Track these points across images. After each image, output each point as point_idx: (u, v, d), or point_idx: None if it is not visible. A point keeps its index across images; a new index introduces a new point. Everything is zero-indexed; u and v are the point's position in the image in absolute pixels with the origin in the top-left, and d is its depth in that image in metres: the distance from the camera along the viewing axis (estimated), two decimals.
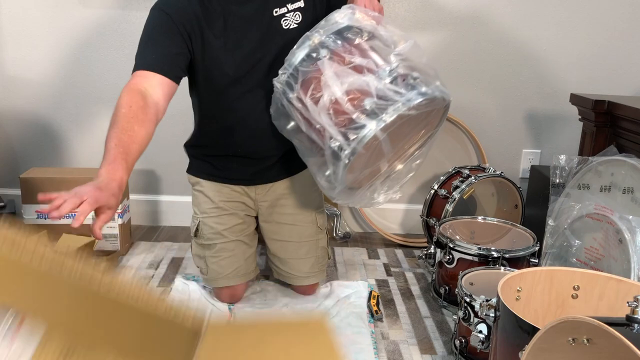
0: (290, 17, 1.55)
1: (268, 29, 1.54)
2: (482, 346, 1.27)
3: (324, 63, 1.37)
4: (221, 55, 1.54)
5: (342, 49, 1.39)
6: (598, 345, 0.76)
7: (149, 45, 1.47)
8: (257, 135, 1.64)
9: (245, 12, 1.52)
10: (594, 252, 1.61)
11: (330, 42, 1.39)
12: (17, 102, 2.37)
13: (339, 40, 1.40)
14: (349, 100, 1.34)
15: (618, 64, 2.38)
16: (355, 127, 1.32)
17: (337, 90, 1.34)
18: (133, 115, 1.31)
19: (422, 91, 1.35)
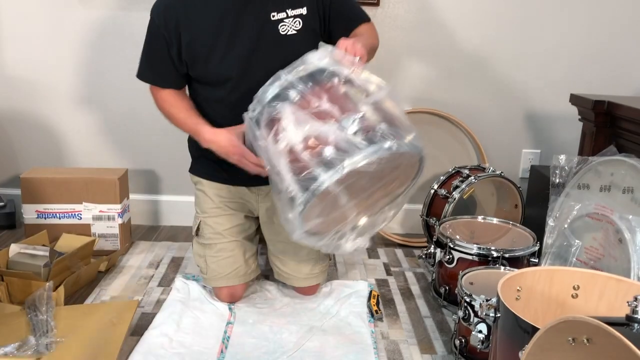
0: (289, 22, 1.53)
1: (263, 33, 1.52)
2: (482, 346, 1.27)
3: (285, 106, 1.30)
4: (213, 56, 1.54)
5: (311, 92, 1.31)
6: (598, 345, 0.76)
7: (151, 58, 1.64)
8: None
9: (241, 13, 1.51)
10: (594, 252, 1.61)
11: (301, 83, 1.32)
12: (17, 102, 2.37)
13: (310, 83, 1.32)
14: (306, 148, 1.25)
15: (618, 64, 2.38)
16: (309, 177, 1.24)
17: (295, 137, 1.26)
18: (172, 103, 1.63)
19: (385, 146, 1.23)
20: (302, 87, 1.32)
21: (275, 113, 1.33)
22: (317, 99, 1.30)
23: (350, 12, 1.66)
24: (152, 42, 1.60)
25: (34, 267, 1.73)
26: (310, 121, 1.28)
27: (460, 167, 2.22)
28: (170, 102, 1.63)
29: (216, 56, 1.55)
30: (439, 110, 2.40)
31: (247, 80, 1.55)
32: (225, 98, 1.60)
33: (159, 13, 1.54)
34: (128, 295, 1.84)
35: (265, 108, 1.35)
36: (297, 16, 1.53)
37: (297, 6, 1.53)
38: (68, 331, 1.51)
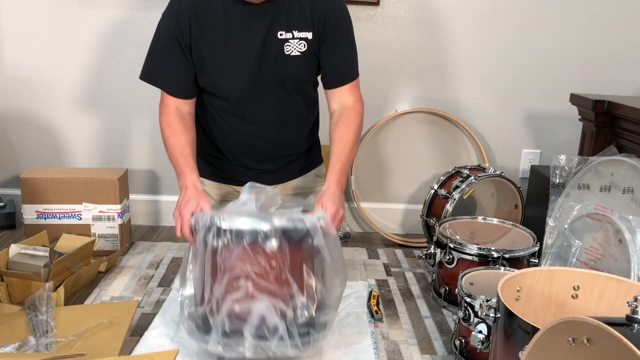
0: (294, 44, 1.54)
1: (269, 50, 1.54)
2: (482, 346, 1.27)
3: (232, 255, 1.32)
4: (219, 69, 1.56)
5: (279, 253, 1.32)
6: (598, 345, 0.76)
7: (161, 61, 1.59)
8: (255, 147, 1.69)
9: (249, 28, 1.51)
10: (594, 252, 1.61)
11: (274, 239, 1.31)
12: (17, 102, 2.37)
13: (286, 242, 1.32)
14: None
15: (618, 64, 2.38)
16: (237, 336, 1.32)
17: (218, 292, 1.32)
18: (175, 130, 1.57)
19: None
20: (269, 245, 1.31)
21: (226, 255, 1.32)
22: (272, 264, 1.32)
23: (344, 64, 1.63)
24: (164, 44, 1.56)
25: (34, 268, 1.73)
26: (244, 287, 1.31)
27: (460, 167, 2.22)
28: (174, 129, 1.58)
29: (220, 67, 1.56)
30: (439, 110, 2.40)
31: (250, 95, 1.59)
32: (231, 109, 1.63)
33: (172, 15, 1.52)
34: (128, 296, 1.84)
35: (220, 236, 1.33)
36: (303, 39, 1.54)
37: (304, 29, 1.54)
38: (68, 331, 1.51)
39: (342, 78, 1.60)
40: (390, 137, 2.45)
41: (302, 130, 1.74)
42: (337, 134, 1.57)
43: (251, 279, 1.32)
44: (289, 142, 1.73)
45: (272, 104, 1.63)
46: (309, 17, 1.53)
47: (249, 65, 1.55)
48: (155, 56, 1.60)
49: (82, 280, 1.86)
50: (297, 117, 1.70)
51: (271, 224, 1.31)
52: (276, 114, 1.65)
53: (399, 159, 2.48)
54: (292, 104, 1.66)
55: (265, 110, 1.63)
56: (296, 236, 1.34)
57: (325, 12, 1.53)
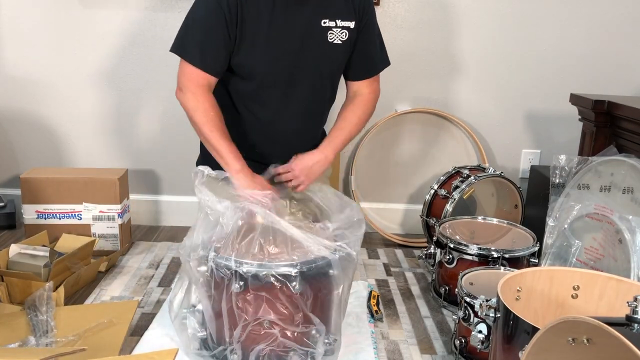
0: (337, 32, 1.56)
1: (312, 36, 1.54)
2: (482, 346, 1.27)
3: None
4: (259, 50, 1.54)
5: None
6: (598, 345, 0.76)
7: (203, 36, 1.52)
8: (275, 139, 1.68)
9: (294, 12, 1.51)
10: (594, 252, 1.61)
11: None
12: (17, 102, 2.37)
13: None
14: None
15: (618, 64, 2.38)
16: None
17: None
18: (215, 120, 1.53)
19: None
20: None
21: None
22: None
23: (373, 54, 1.68)
24: (209, 19, 1.49)
25: (34, 268, 1.73)
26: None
27: (460, 167, 2.22)
28: (204, 105, 1.52)
29: (261, 48, 1.54)
30: (439, 110, 2.40)
31: (283, 80, 1.58)
32: (256, 96, 1.61)
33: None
34: (128, 296, 1.84)
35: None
36: (345, 28, 1.56)
37: (347, 19, 1.56)
38: (68, 331, 1.51)
39: (370, 70, 1.66)
40: (390, 137, 2.45)
41: (321, 121, 1.76)
42: (343, 113, 1.68)
43: (274, 322, 1.33)
44: (308, 135, 1.73)
45: (302, 90, 1.62)
46: (351, 6, 1.55)
47: (289, 50, 1.55)
48: (200, 33, 1.52)
49: (82, 280, 1.86)
50: (321, 107, 1.72)
51: (295, 268, 1.31)
52: (304, 102, 1.65)
53: (399, 159, 2.48)
54: (321, 93, 1.67)
55: (294, 97, 1.62)
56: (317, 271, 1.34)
57: (365, 3, 1.57)
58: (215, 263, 1.35)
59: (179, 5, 2.28)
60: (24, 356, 1.25)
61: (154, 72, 2.35)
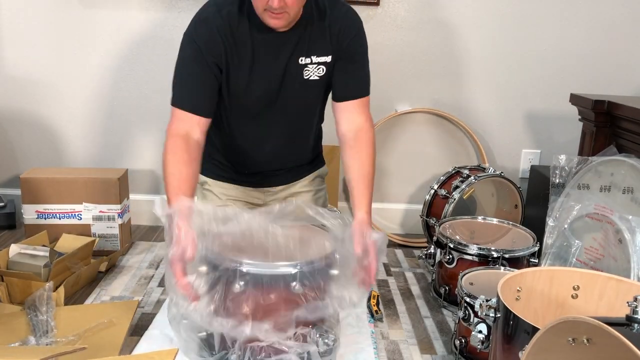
0: (313, 68, 1.55)
1: (290, 75, 1.55)
2: (482, 346, 1.27)
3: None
4: (242, 87, 1.56)
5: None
6: (598, 345, 0.76)
7: (185, 80, 1.52)
8: (262, 161, 1.71)
9: (274, 54, 1.52)
10: (594, 252, 1.61)
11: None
12: (17, 102, 2.37)
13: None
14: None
15: (618, 64, 2.39)
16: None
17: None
18: (179, 160, 1.46)
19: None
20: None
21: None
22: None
23: (357, 79, 1.62)
24: (192, 66, 1.51)
25: (34, 268, 1.73)
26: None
27: (460, 167, 2.22)
28: (178, 157, 1.46)
29: (244, 87, 1.56)
30: (439, 110, 2.40)
31: (267, 114, 1.60)
32: (245, 120, 1.64)
33: (202, 34, 1.48)
34: (128, 296, 1.84)
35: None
36: (322, 64, 1.55)
37: (322, 54, 1.54)
38: (68, 331, 1.51)
39: (353, 93, 1.59)
40: (390, 137, 2.45)
41: (309, 143, 1.77)
42: (356, 163, 1.54)
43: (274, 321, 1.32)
44: (296, 155, 1.76)
45: (283, 123, 1.65)
46: (328, 40, 1.53)
47: (269, 90, 1.56)
48: (185, 79, 1.53)
49: (82, 280, 1.86)
50: (305, 132, 1.73)
51: (295, 267, 1.31)
52: (285, 131, 1.67)
53: (399, 159, 2.48)
54: (304, 123, 1.69)
55: (274, 128, 1.65)
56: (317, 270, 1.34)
57: (342, 31, 1.53)
58: (215, 263, 1.35)
59: (179, 5, 2.28)
60: (24, 355, 1.25)
61: (154, 72, 2.35)
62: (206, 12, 1.49)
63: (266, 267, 1.32)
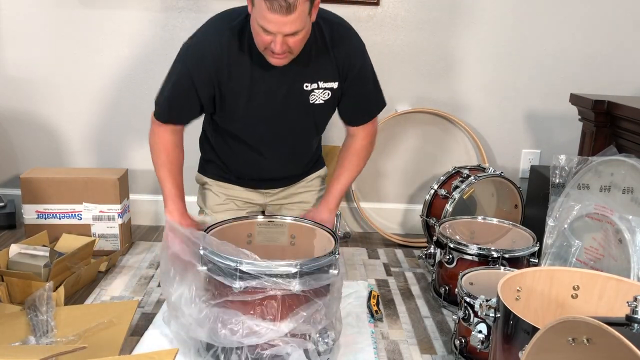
0: (319, 93, 1.55)
1: (293, 99, 1.55)
2: (482, 346, 1.27)
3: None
4: (240, 114, 1.57)
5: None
6: (598, 345, 0.76)
7: (171, 100, 1.56)
8: (263, 170, 1.74)
9: (275, 81, 1.51)
10: (593, 252, 1.61)
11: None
12: (17, 102, 2.37)
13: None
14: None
15: (618, 64, 2.39)
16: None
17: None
18: (170, 151, 1.59)
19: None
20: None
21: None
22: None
23: (367, 103, 1.68)
24: (180, 88, 1.53)
25: (34, 268, 1.73)
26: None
27: (460, 167, 2.22)
28: (166, 146, 1.59)
29: (243, 115, 1.57)
30: (439, 110, 2.40)
31: (268, 138, 1.63)
32: (245, 142, 1.66)
33: (194, 64, 1.48)
34: (128, 295, 1.84)
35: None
36: (328, 89, 1.56)
37: (329, 80, 1.54)
38: (68, 331, 1.51)
39: (364, 118, 1.64)
40: (390, 137, 2.45)
41: (310, 154, 1.80)
42: (340, 161, 1.71)
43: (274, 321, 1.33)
44: (297, 166, 1.79)
45: (288, 143, 1.68)
46: (335, 68, 1.53)
47: (272, 115, 1.57)
48: (171, 97, 1.55)
49: (82, 280, 1.86)
50: (308, 148, 1.76)
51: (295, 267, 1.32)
52: (290, 150, 1.70)
53: (399, 159, 2.48)
54: (306, 140, 1.72)
55: (280, 147, 1.68)
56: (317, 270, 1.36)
57: (348, 60, 1.53)
58: (215, 262, 1.35)
59: (179, 6, 2.29)
60: (24, 355, 1.25)
61: (153, 72, 2.35)
62: (206, 38, 1.47)
63: (266, 267, 1.32)
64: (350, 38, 1.55)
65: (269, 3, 1.27)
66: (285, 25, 1.30)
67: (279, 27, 1.30)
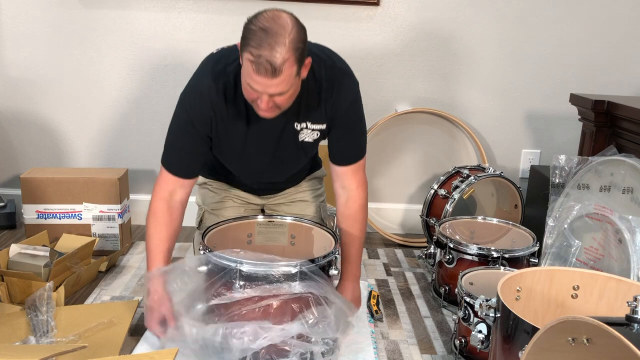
0: (307, 133, 1.56)
1: (285, 138, 1.56)
2: (481, 346, 1.27)
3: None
4: (236, 153, 1.59)
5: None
6: (598, 345, 0.76)
7: (175, 147, 1.55)
8: (261, 185, 1.77)
9: (269, 123, 1.51)
10: (593, 252, 1.61)
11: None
12: (17, 102, 2.37)
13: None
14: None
15: (618, 64, 2.39)
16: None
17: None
18: (159, 221, 1.55)
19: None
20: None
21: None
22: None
23: (351, 148, 1.64)
24: (183, 133, 1.52)
25: (34, 267, 1.73)
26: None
27: (460, 167, 2.22)
28: (158, 219, 1.54)
29: (238, 154, 1.60)
30: (439, 110, 2.40)
31: (262, 172, 1.67)
32: (237, 169, 1.70)
33: (195, 107, 1.48)
34: (128, 295, 1.84)
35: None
36: (316, 130, 1.57)
37: (317, 122, 1.55)
38: (68, 331, 1.51)
39: (348, 159, 1.62)
40: (390, 137, 2.45)
41: (305, 171, 1.82)
42: (348, 233, 1.65)
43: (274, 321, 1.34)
44: (294, 181, 1.81)
45: (282, 172, 1.71)
46: (323, 111, 1.53)
47: (265, 154, 1.59)
48: (176, 145, 1.55)
49: (82, 280, 1.86)
50: (303, 170, 1.78)
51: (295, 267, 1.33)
52: (285, 175, 1.73)
53: (398, 159, 2.48)
54: (299, 167, 1.73)
55: (275, 175, 1.72)
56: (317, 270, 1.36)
57: (337, 102, 1.52)
58: (216, 263, 1.35)
59: (179, 6, 2.29)
60: (25, 354, 1.25)
61: (153, 72, 2.35)
62: (202, 84, 1.47)
63: (266, 267, 1.32)
64: (343, 84, 1.52)
65: (255, 65, 1.26)
66: (270, 87, 1.30)
67: (264, 88, 1.30)
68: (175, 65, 2.34)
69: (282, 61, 1.26)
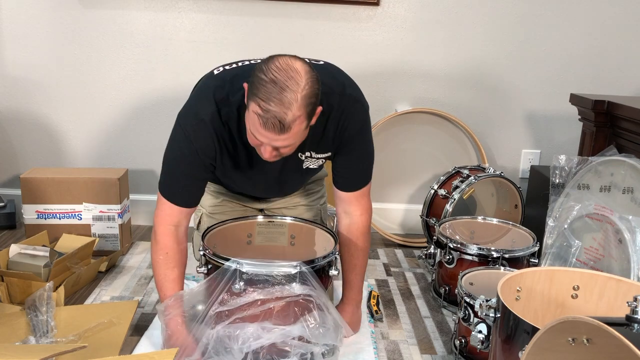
0: (312, 161, 1.53)
1: (289, 166, 1.53)
2: (482, 346, 1.27)
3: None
4: (238, 181, 1.59)
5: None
6: (598, 345, 0.76)
7: (177, 175, 1.46)
8: (261, 196, 1.77)
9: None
10: (593, 252, 1.61)
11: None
12: (17, 102, 2.38)
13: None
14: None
15: (618, 64, 2.39)
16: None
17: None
18: (170, 260, 1.46)
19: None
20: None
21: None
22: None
23: (356, 175, 1.59)
24: (185, 161, 1.44)
25: (34, 268, 1.73)
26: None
27: (460, 167, 2.22)
28: (170, 258, 1.46)
29: (242, 182, 1.59)
30: (439, 110, 2.40)
31: (266, 190, 1.67)
32: (245, 187, 1.69)
33: (198, 136, 1.40)
34: (128, 296, 1.84)
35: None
36: (321, 157, 1.53)
37: (323, 151, 1.51)
38: (68, 331, 1.51)
39: (352, 186, 1.57)
40: (390, 137, 2.45)
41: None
42: (350, 260, 1.61)
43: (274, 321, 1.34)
44: (295, 190, 1.80)
45: (284, 192, 1.72)
46: (330, 141, 1.47)
47: (268, 178, 1.57)
48: (174, 174, 1.47)
49: (82, 280, 1.86)
50: (303, 185, 1.78)
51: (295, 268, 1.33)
52: (286, 193, 1.74)
53: (399, 159, 2.48)
54: (301, 186, 1.75)
55: (276, 193, 1.72)
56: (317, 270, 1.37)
57: (346, 130, 1.46)
58: (216, 263, 1.35)
59: (179, 6, 2.29)
60: (25, 354, 1.25)
61: (153, 72, 2.35)
62: (204, 110, 1.38)
63: (266, 267, 1.32)
64: (352, 112, 1.45)
65: (262, 120, 1.19)
66: (277, 141, 1.24)
67: (270, 141, 1.25)
68: (175, 65, 2.35)
69: (293, 119, 1.19)
